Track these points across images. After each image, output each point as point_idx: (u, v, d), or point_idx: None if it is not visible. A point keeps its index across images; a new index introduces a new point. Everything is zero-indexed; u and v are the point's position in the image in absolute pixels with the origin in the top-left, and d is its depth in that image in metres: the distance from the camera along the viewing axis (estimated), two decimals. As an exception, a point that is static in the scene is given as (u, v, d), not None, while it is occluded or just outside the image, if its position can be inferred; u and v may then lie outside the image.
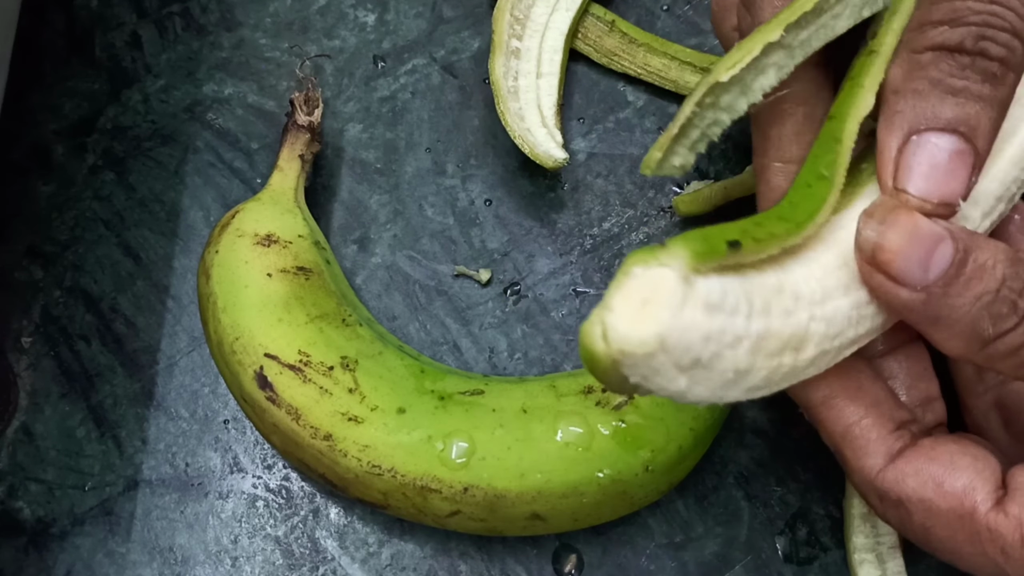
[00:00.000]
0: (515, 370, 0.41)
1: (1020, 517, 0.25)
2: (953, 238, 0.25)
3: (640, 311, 0.22)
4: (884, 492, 0.27)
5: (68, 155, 0.45)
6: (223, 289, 0.37)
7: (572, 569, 0.39)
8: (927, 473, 0.26)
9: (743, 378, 0.24)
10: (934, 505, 0.26)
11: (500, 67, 0.42)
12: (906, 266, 0.25)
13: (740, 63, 0.27)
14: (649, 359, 0.22)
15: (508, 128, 0.41)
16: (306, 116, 0.41)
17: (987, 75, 0.25)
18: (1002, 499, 0.25)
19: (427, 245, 0.43)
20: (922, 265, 0.25)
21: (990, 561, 0.25)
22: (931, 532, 0.26)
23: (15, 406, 0.42)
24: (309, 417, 0.34)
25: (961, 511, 0.25)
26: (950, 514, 0.25)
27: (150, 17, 0.48)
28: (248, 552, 0.39)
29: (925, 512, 0.26)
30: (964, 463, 0.26)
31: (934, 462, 0.26)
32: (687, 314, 0.22)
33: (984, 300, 0.24)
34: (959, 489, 0.25)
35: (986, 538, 0.25)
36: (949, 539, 0.26)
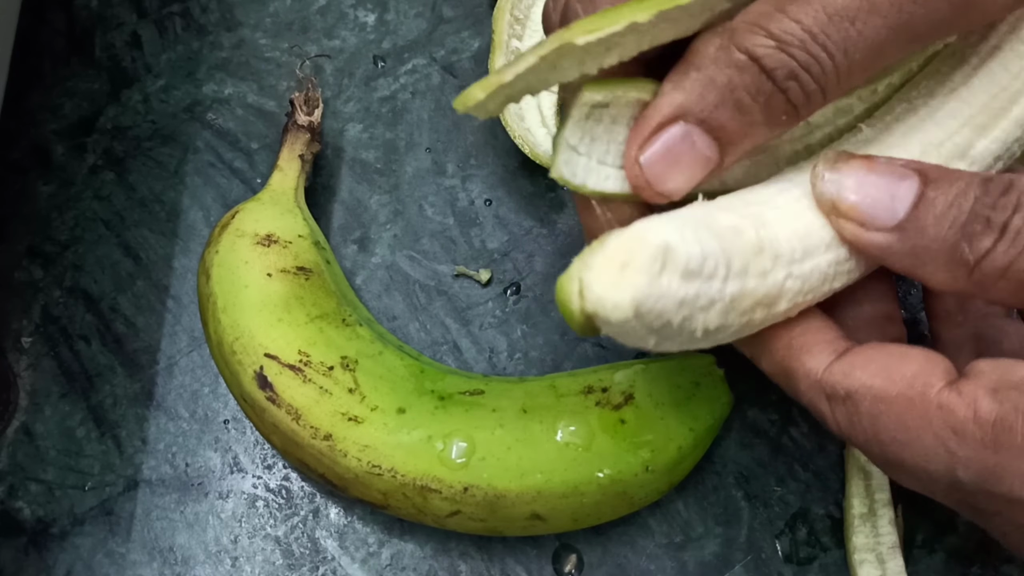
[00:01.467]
0: (515, 370, 0.41)
1: (974, 394, 0.23)
2: (918, 172, 0.24)
3: (618, 274, 0.22)
4: (832, 388, 0.25)
5: (68, 155, 0.45)
6: (223, 289, 0.37)
7: (572, 569, 0.39)
8: (876, 362, 0.25)
9: (712, 335, 0.25)
10: (883, 391, 0.24)
11: (499, 67, 0.42)
12: (872, 209, 0.24)
13: (599, 32, 0.24)
14: (622, 323, 0.22)
15: (508, 128, 0.41)
16: (306, 116, 0.41)
17: (773, 111, 0.25)
18: (956, 381, 0.24)
19: (427, 245, 0.43)
20: (888, 205, 0.24)
21: (939, 443, 0.23)
22: (879, 421, 0.24)
23: (15, 406, 0.42)
24: (309, 417, 0.34)
25: (911, 392, 0.24)
26: (899, 398, 0.24)
27: (150, 17, 0.48)
28: (248, 552, 0.39)
29: (873, 400, 0.24)
30: (914, 354, 0.25)
31: (883, 352, 0.25)
32: (664, 281, 0.22)
33: (958, 222, 0.23)
34: (909, 373, 0.24)
35: (936, 417, 0.23)
36: (897, 426, 0.24)
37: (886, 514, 0.36)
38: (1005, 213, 0.23)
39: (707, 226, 0.24)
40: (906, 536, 0.37)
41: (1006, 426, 0.22)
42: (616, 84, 0.26)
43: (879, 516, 0.36)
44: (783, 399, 0.40)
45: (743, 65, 0.24)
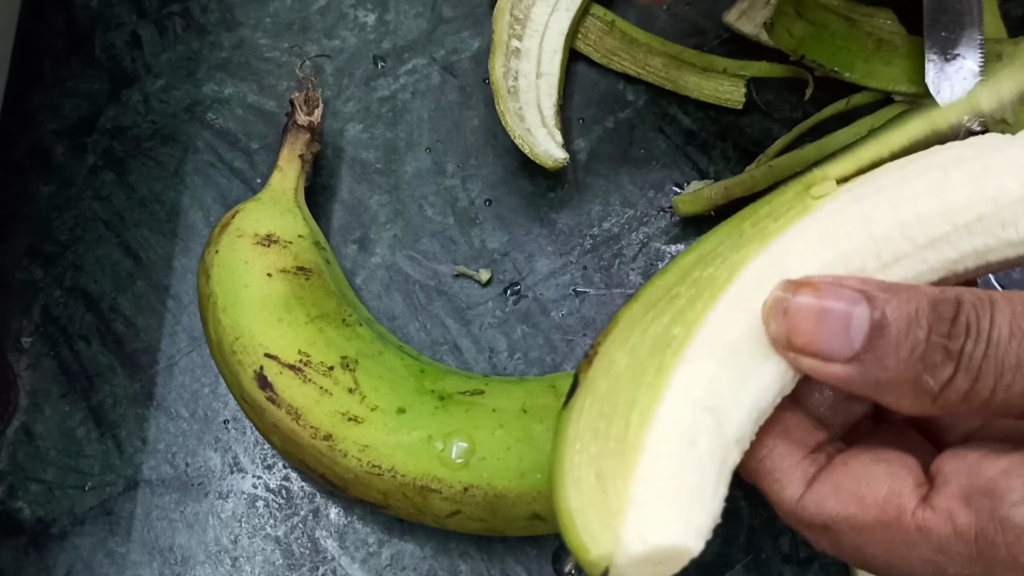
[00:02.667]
0: (515, 370, 0.41)
1: (948, 508, 0.23)
2: (867, 297, 0.24)
3: (651, 567, 0.25)
4: (809, 520, 0.25)
5: (68, 155, 0.45)
6: (223, 289, 0.37)
7: (572, 569, 0.39)
8: (845, 490, 0.25)
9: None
10: (859, 520, 0.24)
11: (500, 67, 0.42)
12: (827, 343, 0.24)
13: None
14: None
15: (508, 128, 0.41)
16: (306, 116, 0.41)
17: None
18: (927, 495, 0.24)
19: (427, 245, 0.43)
20: (842, 337, 0.24)
21: (928, 563, 0.23)
22: (864, 550, 0.24)
23: (15, 406, 0.42)
24: (309, 417, 0.34)
25: (887, 519, 0.24)
26: (877, 525, 0.24)
27: (150, 17, 0.48)
28: (248, 552, 0.39)
29: (852, 530, 0.24)
30: (879, 470, 0.25)
31: (850, 477, 0.25)
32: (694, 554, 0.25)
33: (916, 353, 0.23)
34: (881, 497, 0.24)
35: (918, 540, 0.23)
36: (884, 552, 0.24)
37: (886, 514, 0.36)
38: (959, 340, 0.23)
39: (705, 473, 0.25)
40: (906, 536, 0.37)
41: (988, 540, 0.22)
42: None
43: (879, 516, 0.36)
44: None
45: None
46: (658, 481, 0.24)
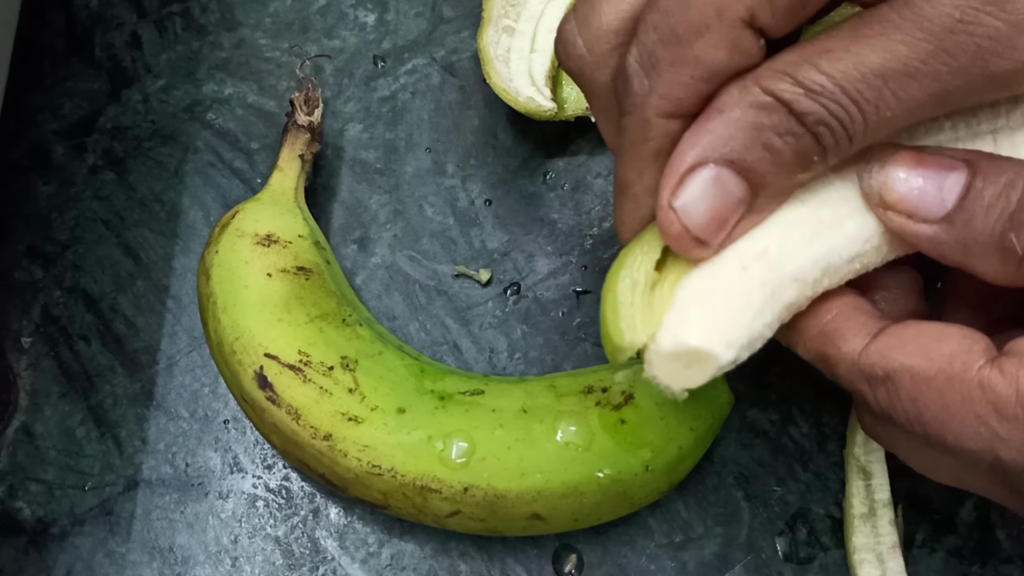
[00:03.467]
0: (515, 370, 0.41)
1: (1016, 374, 0.23)
2: (967, 163, 0.24)
3: (681, 368, 0.26)
4: (870, 370, 0.25)
5: (68, 155, 0.45)
6: (223, 289, 0.37)
7: (572, 569, 0.39)
8: (914, 342, 0.24)
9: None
10: (922, 370, 0.24)
11: (490, 38, 0.41)
12: (919, 201, 0.24)
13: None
14: (668, 388, 0.26)
15: (492, 84, 0.40)
16: (306, 116, 0.41)
17: (803, 153, 0.24)
18: (997, 359, 0.24)
19: (427, 245, 0.43)
20: (935, 196, 0.24)
21: (982, 424, 0.23)
22: (919, 402, 0.24)
23: (15, 406, 0.42)
24: (309, 417, 0.34)
25: (951, 372, 0.24)
26: (940, 376, 0.24)
27: (150, 17, 0.48)
28: (248, 552, 0.39)
29: (912, 381, 0.24)
30: (952, 331, 0.24)
31: (921, 331, 0.25)
32: (721, 363, 0.26)
33: (1005, 212, 0.23)
34: (949, 351, 0.24)
35: (978, 397, 0.23)
36: (939, 406, 0.24)
37: (886, 514, 0.36)
38: None
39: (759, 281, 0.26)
40: (906, 536, 0.37)
41: None
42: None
43: (879, 516, 0.36)
44: (783, 399, 0.40)
45: (770, 107, 0.24)
46: (702, 293, 0.25)
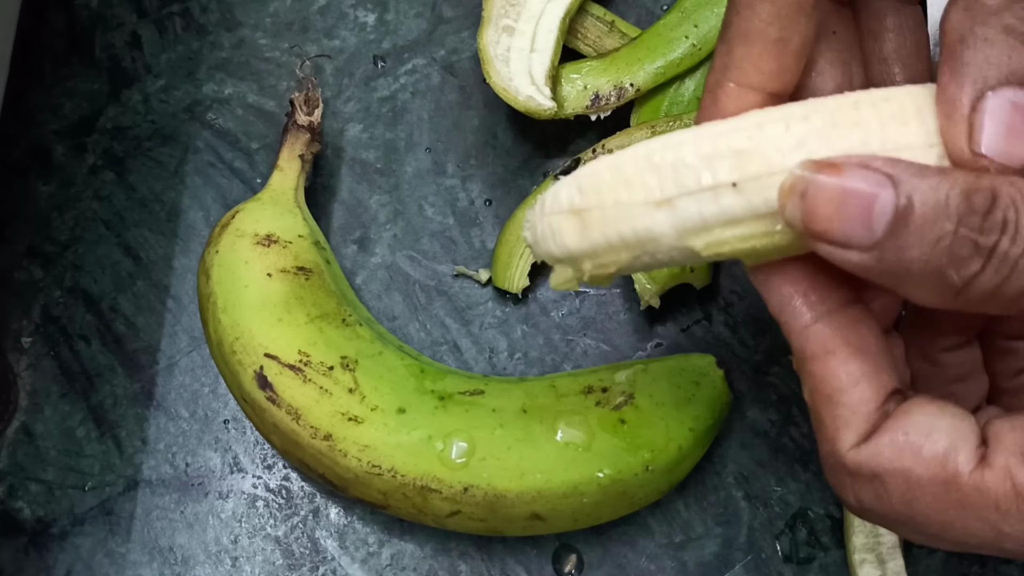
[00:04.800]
0: (515, 370, 0.41)
1: (1007, 466, 0.22)
2: (893, 183, 0.22)
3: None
4: (857, 467, 0.24)
5: (68, 155, 0.45)
6: (223, 289, 0.37)
7: (572, 569, 0.39)
8: (904, 442, 0.24)
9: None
10: (914, 474, 0.23)
11: (490, 38, 0.41)
12: (847, 229, 0.22)
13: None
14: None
15: (492, 83, 0.40)
16: (306, 116, 0.41)
17: None
18: (985, 455, 0.23)
19: (427, 245, 0.43)
20: (863, 223, 0.22)
21: (984, 523, 0.23)
22: (914, 505, 0.24)
23: (15, 406, 0.42)
24: (309, 417, 0.34)
25: (944, 476, 0.23)
26: (933, 481, 0.23)
27: (150, 17, 0.47)
28: (248, 552, 0.39)
29: (905, 483, 0.24)
30: (942, 425, 0.24)
31: (911, 429, 0.24)
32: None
33: (942, 245, 0.22)
34: (939, 453, 0.23)
35: (975, 500, 0.23)
36: (936, 510, 0.23)
37: (886, 514, 0.36)
38: (992, 236, 0.22)
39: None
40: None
41: None
42: None
43: (879, 516, 0.36)
44: (783, 399, 0.40)
45: (1002, 4, 0.22)
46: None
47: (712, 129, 0.24)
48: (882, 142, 0.23)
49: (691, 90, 0.43)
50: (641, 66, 0.42)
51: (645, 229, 0.24)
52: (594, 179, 0.25)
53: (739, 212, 0.23)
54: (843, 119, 0.23)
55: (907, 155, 0.23)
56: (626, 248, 0.25)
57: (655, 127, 0.40)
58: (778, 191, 0.23)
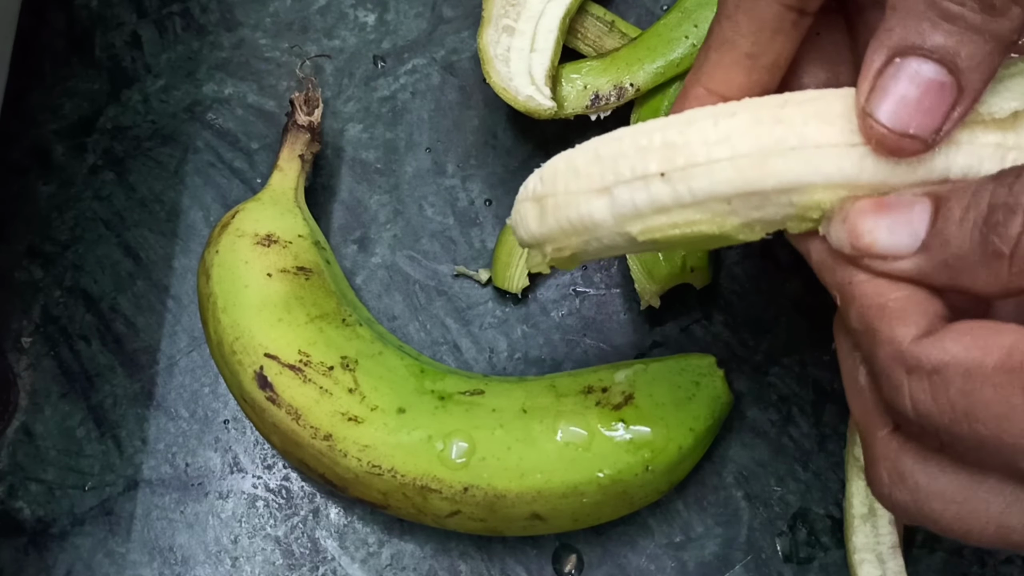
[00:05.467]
0: (515, 370, 0.41)
1: None
2: (925, 194, 0.24)
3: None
4: (916, 362, 0.23)
5: (68, 155, 0.45)
6: (223, 289, 0.37)
7: (572, 569, 0.39)
8: (969, 335, 0.23)
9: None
10: (979, 364, 0.23)
11: (490, 38, 0.41)
12: (891, 241, 0.24)
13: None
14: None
15: (492, 83, 0.40)
16: (306, 116, 0.41)
17: (985, 5, 0.23)
18: None
19: (427, 245, 0.43)
20: (906, 231, 0.24)
21: None
22: (974, 396, 0.23)
23: (15, 406, 0.42)
24: (309, 417, 0.34)
25: (1011, 365, 0.22)
26: (998, 371, 0.22)
27: (150, 17, 0.48)
28: (248, 552, 0.39)
29: (966, 375, 0.23)
30: (1008, 327, 0.23)
31: (976, 326, 0.23)
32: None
33: (979, 219, 0.23)
34: (1007, 344, 0.23)
35: None
36: (996, 401, 0.22)
37: (886, 514, 0.36)
38: (1022, 196, 0.22)
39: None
40: (906, 536, 0.37)
41: None
42: None
43: (879, 516, 0.36)
44: (783, 399, 0.40)
45: None
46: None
47: (651, 124, 0.26)
48: (801, 138, 0.24)
49: (691, 90, 0.43)
50: (641, 66, 0.42)
51: (588, 215, 0.26)
52: (552, 169, 0.27)
53: (667, 201, 0.25)
54: (768, 117, 0.25)
55: (826, 152, 0.24)
56: (575, 233, 0.27)
57: None
58: (825, 223, 0.25)
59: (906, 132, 0.24)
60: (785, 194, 0.25)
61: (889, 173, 0.24)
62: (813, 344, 0.41)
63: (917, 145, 0.24)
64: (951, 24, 0.23)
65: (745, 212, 0.25)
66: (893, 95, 0.24)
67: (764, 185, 0.24)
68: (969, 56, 0.24)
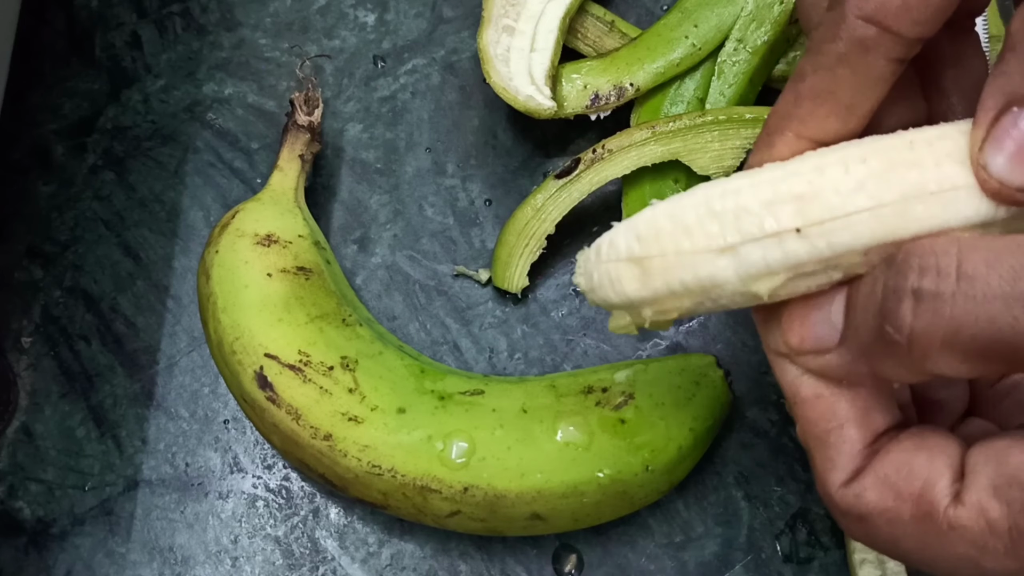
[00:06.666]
0: (515, 370, 0.41)
1: (979, 503, 0.22)
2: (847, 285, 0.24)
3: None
4: (846, 509, 0.25)
5: (68, 155, 0.45)
6: (223, 289, 0.37)
7: (572, 569, 0.39)
8: (885, 482, 0.24)
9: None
10: (896, 514, 0.24)
11: (490, 38, 0.41)
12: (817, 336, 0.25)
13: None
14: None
15: (492, 83, 0.40)
16: (306, 116, 0.41)
17: None
18: (959, 491, 0.23)
19: (427, 245, 0.43)
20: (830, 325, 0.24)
21: (964, 559, 0.23)
22: (900, 545, 0.24)
23: (15, 406, 0.42)
24: (309, 417, 0.34)
25: (921, 514, 0.23)
26: (913, 521, 0.23)
27: (150, 17, 0.48)
28: (248, 552, 0.39)
29: (888, 524, 0.24)
30: (920, 461, 0.24)
31: (890, 469, 0.24)
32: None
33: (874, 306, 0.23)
34: (916, 491, 0.23)
35: (954, 538, 0.23)
36: (919, 548, 0.24)
37: (886, 514, 0.36)
38: (912, 279, 0.22)
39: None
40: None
41: (1021, 533, 0.22)
42: None
43: (879, 516, 0.36)
44: (783, 399, 0.40)
45: None
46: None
47: (770, 174, 0.24)
48: (939, 182, 0.23)
49: (691, 90, 0.43)
50: (641, 66, 0.42)
51: (709, 276, 0.24)
52: (653, 227, 0.25)
53: (803, 257, 0.24)
54: (900, 160, 0.24)
55: (964, 194, 0.23)
56: (688, 295, 0.25)
57: (655, 127, 0.40)
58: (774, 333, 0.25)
59: (1022, 187, 0.23)
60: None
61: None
62: (813, 344, 0.41)
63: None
64: None
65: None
66: (1007, 147, 0.23)
67: (906, 233, 0.23)
68: None
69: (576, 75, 0.42)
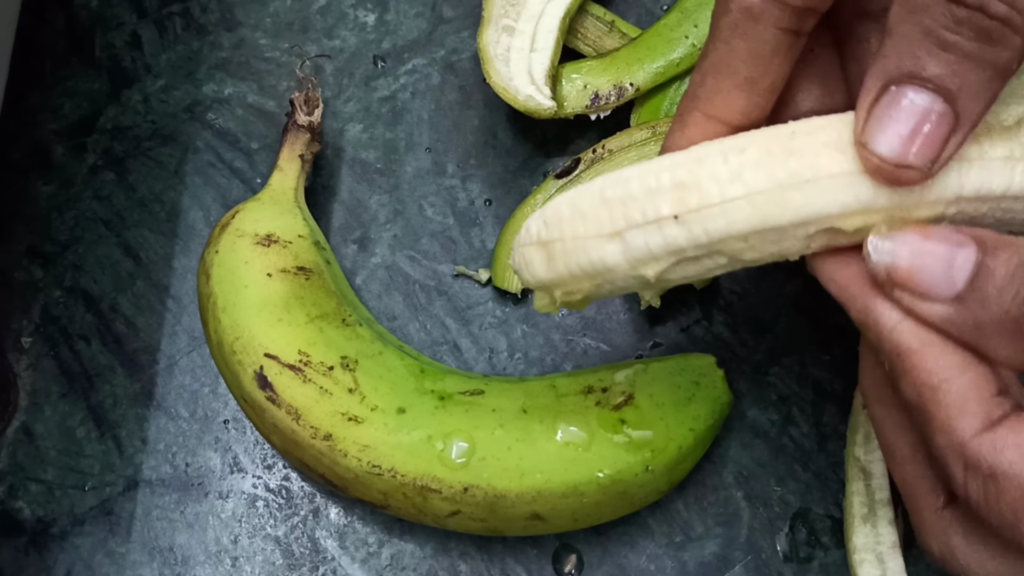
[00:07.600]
0: (515, 370, 0.41)
1: None
2: (977, 241, 0.23)
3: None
4: (975, 461, 0.23)
5: (68, 155, 0.45)
6: (223, 289, 0.37)
7: (572, 569, 0.39)
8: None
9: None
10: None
11: (490, 38, 0.41)
12: (929, 279, 0.23)
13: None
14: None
15: (492, 83, 0.40)
16: (306, 116, 0.41)
17: (982, 34, 0.22)
18: None
19: (427, 245, 0.43)
20: (945, 274, 0.23)
21: None
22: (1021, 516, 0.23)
23: (15, 406, 0.42)
24: (309, 417, 0.34)
25: None
26: None
27: (150, 17, 0.48)
28: (248, 552, 0.39)
29: (1021, 492, 0.22)
30: None
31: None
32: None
33: (1020, 296, 0.22)
34: None
35: None
36: None
37: (886, 514, 0.36)
38: None
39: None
40: (906, 536, 0.37)
41: None
42: None
43: (879, 516, 0.36)
44: (783, 399, 0.40)
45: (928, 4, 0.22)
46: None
47: (658, 164, 0.25)
48: (815, 170, 0.24)
49: (691, 90, 0.43)
50: (641, 66, 0.42)
51: (600, 260, 0.26)
52: (556, 213, 0.27)
53: (683, 243, 0.25)
54: (779, 149, 0.24)
55: (841, 181, 0.24)
56: (587, 277, 0.26)
57: (655, 127, 0.40)
58: (867, 241, 0.24)
59: (903, 163, 0.23)
60: (803, 226, 0.24)
61: (904, 196, 0.24)
62: (813, 344, 0.41)
63: (915, 175, 0.24)
64: (947, 53, 0.23)
65: (762, 247, 0.25)
66: (888, 126, 0.23)
67: (782, 220, 0.24)
68: (966, 85, 0.23)
69: (576, 75, 0.42)
